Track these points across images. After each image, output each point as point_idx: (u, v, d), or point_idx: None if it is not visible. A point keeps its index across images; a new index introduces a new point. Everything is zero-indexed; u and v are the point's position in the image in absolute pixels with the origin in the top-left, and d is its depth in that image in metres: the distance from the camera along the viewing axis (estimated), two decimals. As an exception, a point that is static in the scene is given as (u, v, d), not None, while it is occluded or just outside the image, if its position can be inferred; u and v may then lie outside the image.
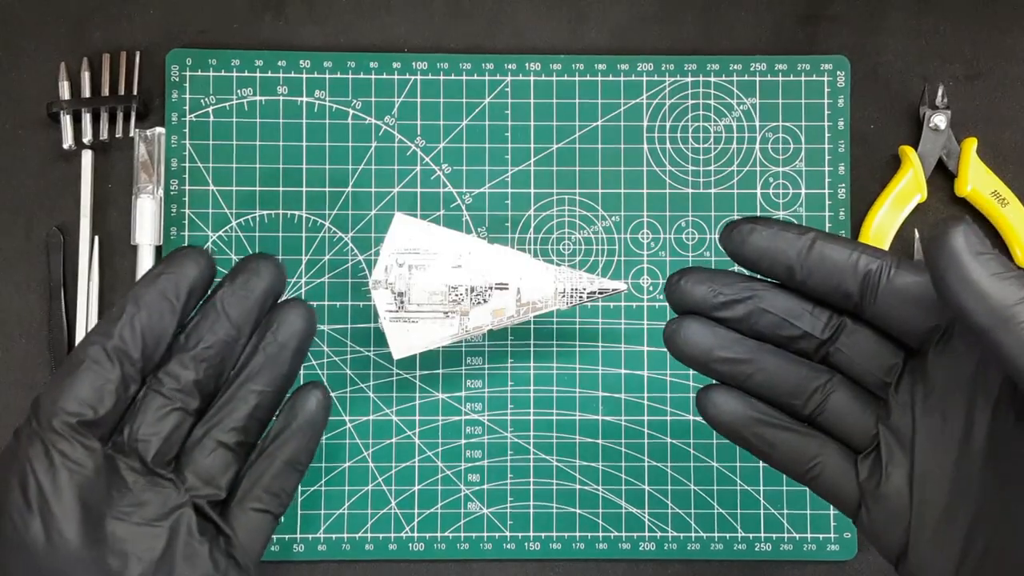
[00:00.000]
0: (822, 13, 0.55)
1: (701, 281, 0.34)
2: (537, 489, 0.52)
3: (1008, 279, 0.28)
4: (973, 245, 0.29)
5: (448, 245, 0.47)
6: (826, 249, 0.33)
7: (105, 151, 0.53)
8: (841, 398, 0.35)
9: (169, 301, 0.34)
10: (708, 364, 0.35)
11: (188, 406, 0.35)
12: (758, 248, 0.33)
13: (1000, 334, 0.28)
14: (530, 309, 0.47)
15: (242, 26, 0.54)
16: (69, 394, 0.32)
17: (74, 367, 0.33)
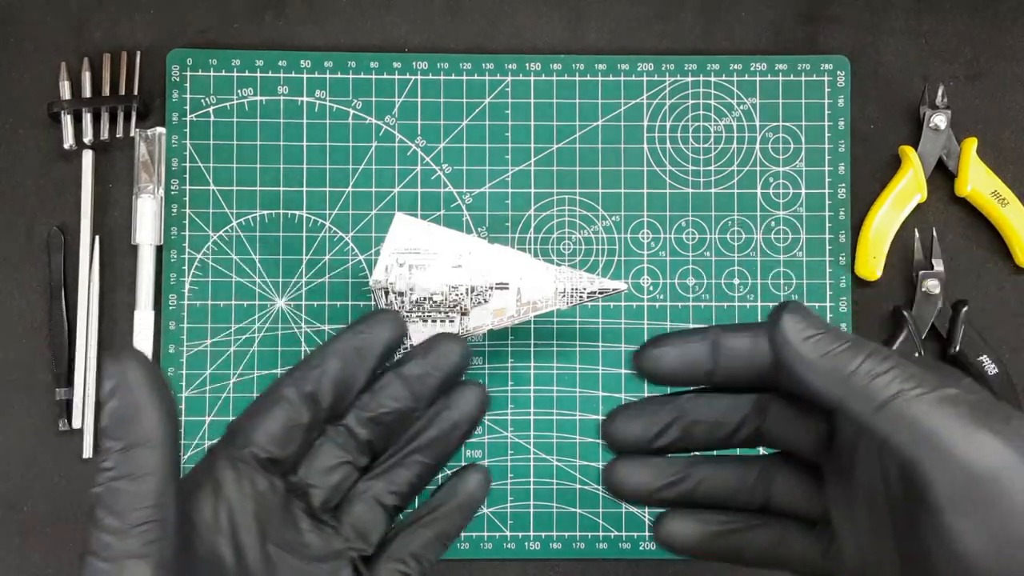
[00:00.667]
0: (822, 13, 0.55)
1: (632, 418, 0.37)
2: (537, 489, 0.52)
3: (839, 354, 0.30)
4: (800, 330, 0.31)
5: (448, 245, 0.47)
6: (730, 342, 0.34)
7: (106, 151, 0.53)
8: (783, 478, 0.36)
9: (364, 360, 0.36)
10: (651, 497, 0.37)
11: (357, 462, 0.37)
12: (672, 368, 0.35)
13: (847, 407, 0.29)
14: (530, 309, 0.47)
15: (243, 26, 0.54)
16: (264, 428, 0.34)
17: (271, 404, 0.35)
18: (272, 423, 0.34)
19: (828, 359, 0.30)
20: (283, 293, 0.52)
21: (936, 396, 0.28)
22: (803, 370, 0.31)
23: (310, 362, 0.36)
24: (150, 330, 0.52)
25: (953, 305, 0.52)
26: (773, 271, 0.53)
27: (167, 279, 0.52)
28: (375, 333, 0.37)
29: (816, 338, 0.31)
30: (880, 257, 0.52)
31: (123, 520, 0.29)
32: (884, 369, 0.29)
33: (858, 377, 0.29)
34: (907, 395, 0.28)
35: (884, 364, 0.29)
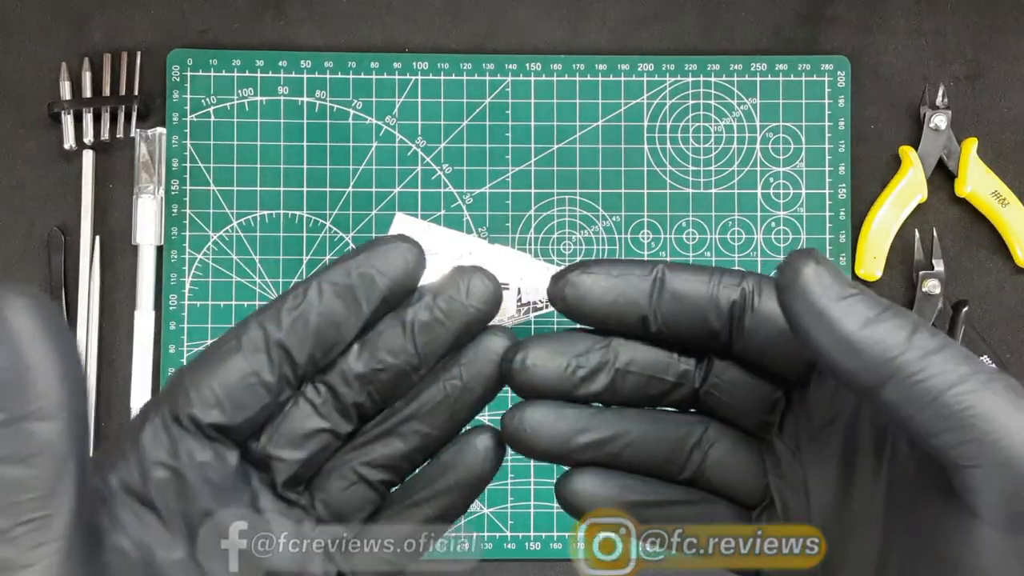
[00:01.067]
0: (822, 13, 0.55)
1: (551, 355, 0.28)
2: (538, 489, 0.52)
3: (883, 323, 0.23)
4: (831, 289, 0.24)
5: (449, 245, 0.47)
6: (678, 284, 0.27)
7: (106, 151, 0.53)
8: (721, 450, 0.29)
9: (358, 302, 0.27)
10: (567, 455, 0.29)
11: (339, 429, 0.28)
12: (599, 303, 0.28)
13: (888, 394, 0.23)
14: (530, 309, 0.47)
15: (243, 26, 0.54)
16: (212, 386, 0.26)
17: (228, 352, 0.27)
18: (225, 377, 0.26)
19: (870, 329, 0.23)
20: (283, 293, 0.52)
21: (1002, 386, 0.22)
22: (831, 343, 0.23)
23: (287, 299, 0.27)
24: (151, 330, 0.52)
25: (953, 305, 0.52)
26: (773, 271, 0.53)
27: (167, 279, 0.52)
28: (381, 268, 0.27)
29: (851, 300, 0.23)
30: (880, 257, 0.52)
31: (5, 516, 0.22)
32: (939, 346, 0.23)
33: (910, 355, 0.23)
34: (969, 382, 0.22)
35: (937, 339, 0.23)
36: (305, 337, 0.27)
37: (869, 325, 0.23)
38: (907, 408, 0.23)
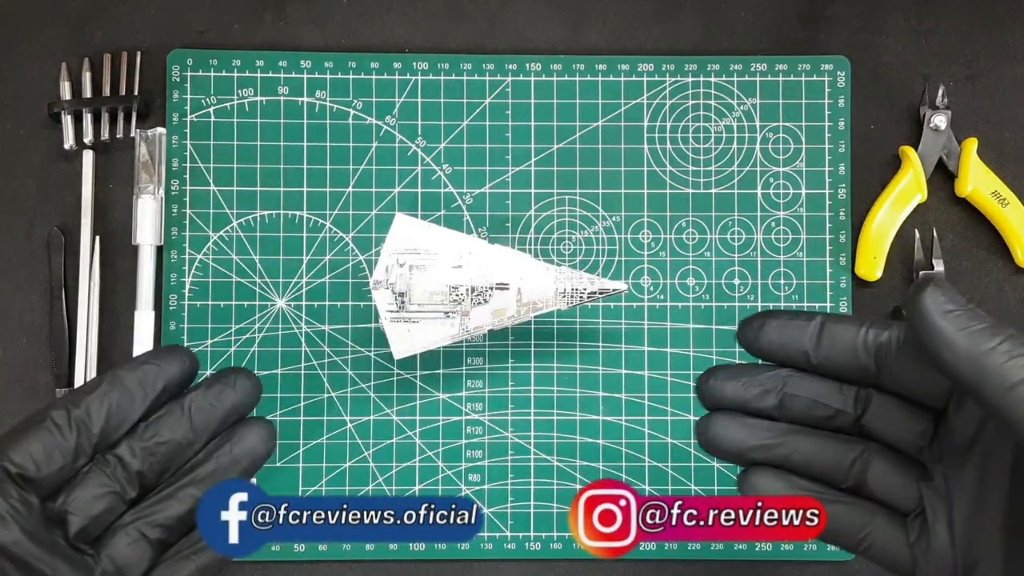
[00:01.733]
0: (822, 13, 0.55)
1: (730, 377, 0.36)
2: (538, 489, 0.52)
3: (976, 331, 0.30)
4: (941, 304, 0.30)
5: (449, 245, 0.47)
6: (835, 331, 0.34)
7: (106, 151, 0.53)
8: (880, 466, 0.36)
9: (143, 391, 0.34)
10: (743, 455, 0.36)
11: (125, 493, 0.35)
12: (771, 341, 0.35)
13: (982, 386, 0.29)
14: (530, 309, 0.47)
15: (243, 26, 0.54)
16: (20, 446, 0.33)
17: (35, 424, 0.33)
18: (32, 444, 0.33)
19: (966, 335, 0.30)
20: (283, 293, 0.52)
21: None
22: (939, 344, 0.30)
23: (87, 385, 0.34)
24: (151, 330, 0.52)
25: (953, 305, 0.52)
26: (773, 271, 0.53)
27: (167, 279, 0.52)
28: (162, 367, 0.35)
29: (956, 313, 0.30)
30: (880, 257, 0.52)
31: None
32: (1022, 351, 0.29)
33: (996, 356, 0.29)
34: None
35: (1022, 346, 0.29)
36: (99, 416, 0.34)
37: (965, 331, 0.30)
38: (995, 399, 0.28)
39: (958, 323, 0.30)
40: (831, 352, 0.34)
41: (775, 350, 0.35)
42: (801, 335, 0.35)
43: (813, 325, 0.35)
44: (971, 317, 0.30)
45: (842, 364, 0.34)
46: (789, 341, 0.35)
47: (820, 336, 0.34)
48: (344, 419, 0.52)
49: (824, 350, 0.34)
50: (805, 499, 0.34)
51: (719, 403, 0.36)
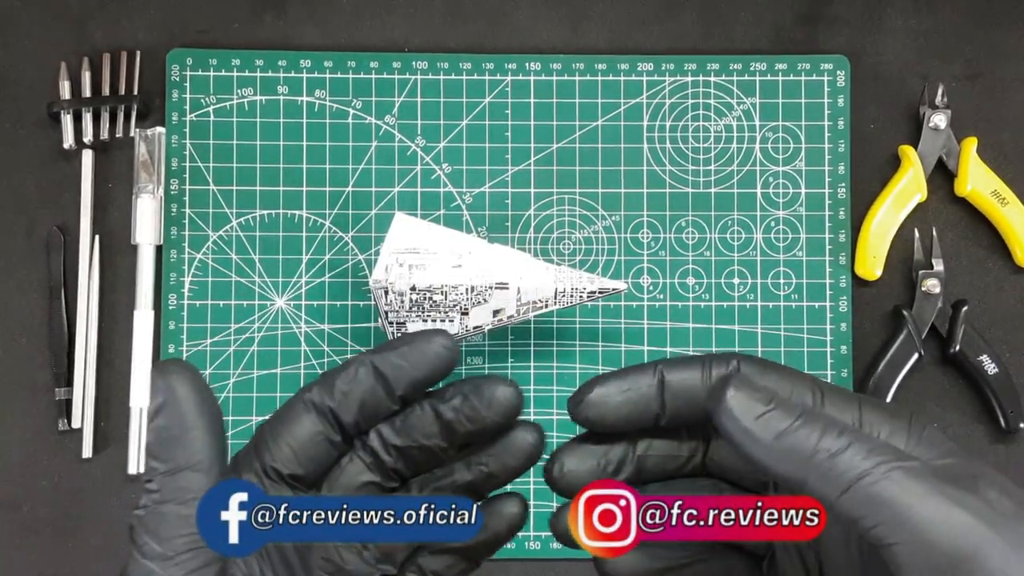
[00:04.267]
0: (822, 13, 0.55)
1: (581, 459, 0.33)
2: (538, 489, 0.52)
3: (793, 434, 0.28)
4: (750, 409, 0.29)
5: (448, 245, 0.47)
6: (676, 381, 0.32)
7: (105, 151, 0.53)
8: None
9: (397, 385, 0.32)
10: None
11: (384, 485, 0.34)
12: (618, 416, 0.32)
13: (811, 489, 0.28)
14: (530, 309, 0.47)
15: (242, 26, 0.54)
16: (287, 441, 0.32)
17: (299, 412, 0.32)
18: (298, 431, 0.32)
19: (784, 440, 0.28)
20: (283, 293, 0.52)
21: (900, 473, 0.27)
22: (758, 453, 0.28)
23: (339, 374, 0.33)
24: (150, 330, 0.52)
25: (953, 304, 0.52)
26: (773, 271, 0.53)
27: (167, 279, 0.52)
28: (418, 359, 0.33)
29: (767, 416, 0.28)
30: (880, 256, 0.52)
31: (167, 546, 0.28)
32: (843, 446, 0.27)
33: (818, 459, 0.27)
34: (872, 475, 0.27)
35: (841, 440, 0.28)
36: (351, 408, 0.32)
37: (781, 437, 0.28)
38: (828, 499, 0.27)
39: (771, 427, 0.28)
40: (678, 407, 0.32)
41: (623, 423, 0.33)
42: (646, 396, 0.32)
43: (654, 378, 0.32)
44: (783, 415, 0.28)
45: (689, 416, 0.32)
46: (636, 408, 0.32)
47: (663, 395, 0.32)
48: (344, 419, 0.52)
49: (671, 409, 0.32)
50: (805, 499, 0.33)
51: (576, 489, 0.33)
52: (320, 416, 0.32)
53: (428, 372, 0.33)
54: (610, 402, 0.32)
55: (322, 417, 0.32)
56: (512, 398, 0.33)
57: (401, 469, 0.34)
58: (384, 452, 0.34)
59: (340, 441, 0.33)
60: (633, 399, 0.32)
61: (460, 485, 0.34)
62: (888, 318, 0.53)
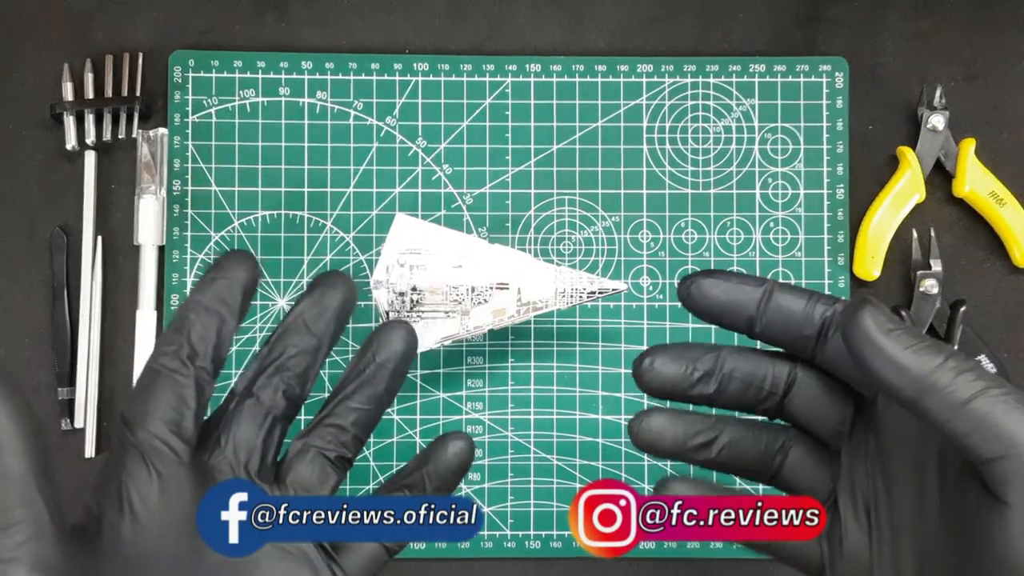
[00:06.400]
0: (821, 14, 0.55)
1: (672, 360, 0.35)
2: (538, 488, 0.52)
3: (921, 349, 0.29)
4: (882, 324, 0.30)
5: (449, 245, 0.47)
6: (783, 300, 0.33)
7: (108, 152, 0.54)
8: (797, 454, 0.35)
9: (227, 304, 0.34)
10: (682, 454, 0.35)
11: (276, 411, 0.35)
12: (719, 303, 0.34)
13: (926, 402, 0.29)
14: (530, 309, 0.48)
15: (244, 27, 0.54)
16: (153, 402, 0.33)
17: (152, 378, 0.33)
18: (160, 395, 0.33)
19: (911, 353, 0.29)
20: (284, 293, 0.53)
21: (1016, 397, 0.28)
22: (882, 364, 0.30)
23: (173, 325, 0.34)
24: (152, 330, 0.52)
25: (951, 305, 0.53)
26: (772, 271, 0.53)
27: (169, 279, 0.53)
28: (232, 277, 0.35)
29: (897, 332, 0.30)
30: (878, 257, 0.53)
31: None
32: (968, 367, 0.29)
33: (943, 372, 0.29)
34: (991, 393, 0.28)
35: (965, 363, 0.29)
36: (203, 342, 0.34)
37: (910, 350, 0.29)
38: (943, 413, 0.29)
39: (902, 341, 0.30)
40: (775, 321, 0.34)
41: (721, 314, 0.34)
42: (748, 300, 0.34)
43: (761, 291, 0.34)
44: (913, 335, 0.30)
45: (783, 335, 0.34)
46: (736, 306, 0.34)
47: (767, 303, 0.33)
48: (345, 418, 0.52)
49: (769, 318, 0.34)
50: (805, 499, 0.34)
51: (658, 389, 0.35)
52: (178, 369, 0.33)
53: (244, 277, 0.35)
54: (715, 289, 0.34)
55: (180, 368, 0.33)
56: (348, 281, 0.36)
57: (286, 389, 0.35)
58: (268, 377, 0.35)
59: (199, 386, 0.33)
60: (736, 296, 0.34)
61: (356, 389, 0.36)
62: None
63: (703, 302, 0.34)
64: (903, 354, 0.29)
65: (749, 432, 0.35)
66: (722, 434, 0.35)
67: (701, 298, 0.34)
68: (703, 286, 0.34)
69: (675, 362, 0.35)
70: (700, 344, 0.35)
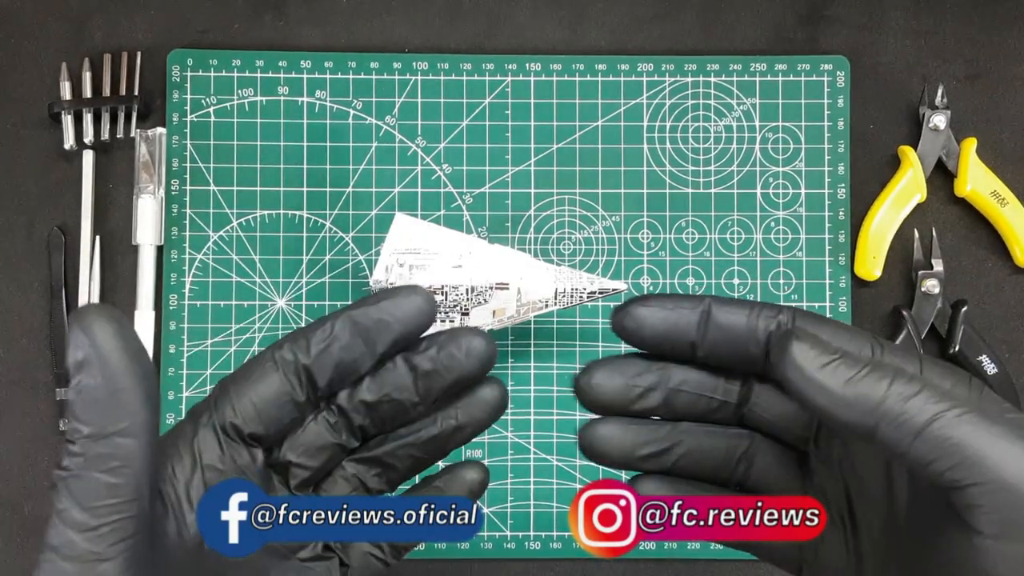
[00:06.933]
0: (822, 13, 0.55)
1: (611, 375, 0.33)
2: (537, 488, 0.52)
3: (863, 380, 0.27)
4: (814, 359, 0.28)
5: (448, 245, 0.47)
6: (722, 317, 0.31)
7: (106, 151, 0.54)
8: (765, 460, 0.34)
9: (374, 344, 0.32)
10: (632, 464, 0.34)
11: (347, 444, 0.34)
12: (656, 332, 0.32)
13: (881, 434, 0.27)
14: (530, 309, 0.47)
15: (243, 26, 0.54)
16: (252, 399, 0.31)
17: (267, 370, 0.31)
18: (264, 390, 0.31)
19: (852, 387, 0.27)
20: (283, 293, 0.53)
21: (975, 415, 0.26)
22: (825, 402, 0.28)
23: (316, 330, 0.31)
24: (151, 330, 0.52)
25: (952, 305, 0.52)
26: (773, 271, 0.53)
27: (167, 279, 0.52)
28: (398, 314, 0.32)
29: (834, 364, 0.28)
30: (879, 257, 0.53)
31: (92, 516, 0.26)
32: (914, 391, 0.27)
33: (891, 403, 0.27)
34: (945, 417, 0.26)
35: (912, 385, 0.27)
36: (327, 366, 0.31)
37: (851, 383, 0.27)
38: (900, 445, 0.27)
39: (839, 375, 0.28)
40: (718, 342, 0.31)
41: (658, 342, 0.32)
42: (687, 324, 0.31)
43: (699, 311, 0.31)
44: (850, 364, 0.28)
45: (728, 354, 0.32)
46: (675, 331, 0.32)
47: (707, 324, 0.31)
48: (344, 419, 0.52)
49: (711, 341, 0.31)
50: (805, 499, 0.33)
51: (599, 404, 0.33)
52: (290, 375, 0.31)
53: (409, 325, 0.32)
54: (651, 318, 0.32)
55: (293, 377, 0.31)
56: (488, 348, 0.33)
57: (367, 426, 0.33)
58: (352, 408, 0.33)
59: (305, 402, 0.32)
60: (673, 320, 0.32)
61: (425, 440, 0.34)
62: (888, 318, 0.53)
63: (640, 333, 0.32)
64: (844, 389, 0.27)
65: (708, 439, 0.34)
66: (679, 444, 0.33)
67: (637, 330, 0.32)
68: (637, 316, 0.32)
69: (615, 377, 0.33)
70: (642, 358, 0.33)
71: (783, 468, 0.34)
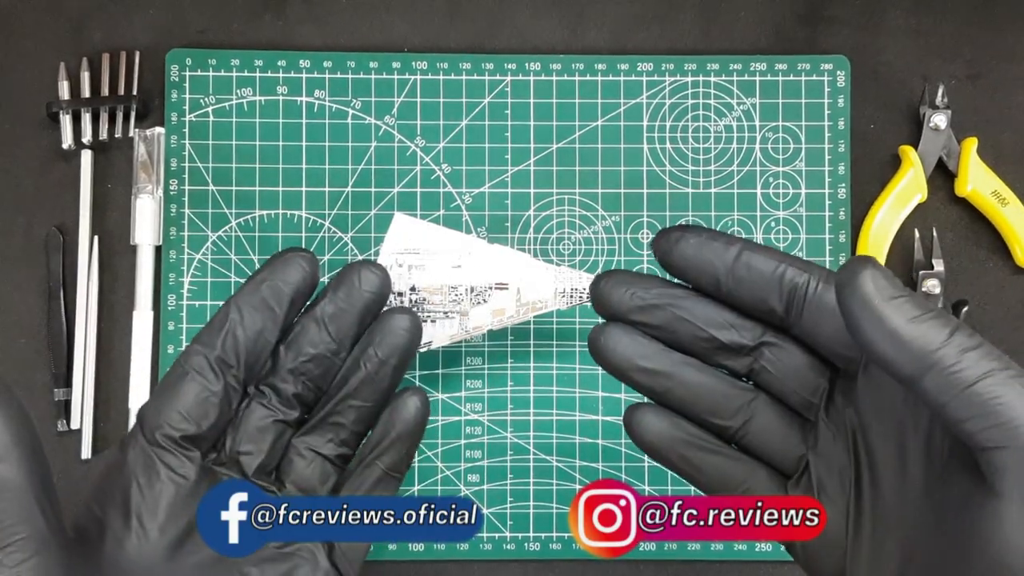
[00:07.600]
0: (822, 13, 0.55)
1: (620, 284, 0.34)
2: (537, 489, 0.52)
3: (926, 321, 0.27)
4: (885, 290, 0.27)
5: (448, 245, 0.47)
6: (753, 260, 0.32)
7: (104, 151, 0.53)
8: (766, 418, 0.34)
9: (272, 310, 0.33)
10: (627, 372, 0.34)
11: (288, 418, 0.34)
12: (684, 257, 0.33)
13: (926, 382, 0.26)
14: (530, 309, 0.47)
15: (242, 26, 0.54)
16: (173, 407, 0.32)
17: (178, 378, 0.32)
18: (183, 399, 0.32)
19: (915, 326, 0.26)
20: (282, 293, 0.52)
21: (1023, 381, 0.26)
22: (880, 336, 0.27)
23: (213, 324, 0.33)
24: (149, 330, 0.52)
25: (953, 305, 0.52)
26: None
27: (166, 279, 0.52)
28: (282, 279, 0.34)
29: (902, 300, 0.27)
30: (880, 257, 0.52)
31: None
32: (974, 344, 0.26)
33: (948, 349, 0.26)
34: (998, 376, 0.26)
35: (973, 339, 0.26)
36: (237, 349, 0.33)
37: (914, 322, 0.27)
38: (943, 395, 0.26)
39: (905, 312, 0.27)
40: (743, 282, 0.32)
41: (686, 268, 0.33)
42: (717, 258, 0.32)
43: (732, 250, 0.32)
44: (918, 305, 0.27)
45: (750, 297, 0.32)
46: (703, 262, 0.33)
47: (736, 262, 0.32)
48: (343, 419, 0.52)
49: (736, 278, 0.32)
50: (805, 499, 0.33)
51: (604, 307, 0.34)
52: (205, 374, 0.32)
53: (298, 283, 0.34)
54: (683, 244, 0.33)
55: (209, 374, 0.32)
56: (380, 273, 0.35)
57: (301, 392, 0.34)
58: (280, 380, 0.34)
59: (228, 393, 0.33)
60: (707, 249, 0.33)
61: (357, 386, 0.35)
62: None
63: (670, 256, 0.34)
64: (906, 326, 0.26)
65: (710, 379, 0.34)
66: (676, 372, 0.34)
67: (669, 252, 0.34)
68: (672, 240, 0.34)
69: (625, 286, 0.34)
70: (661, 279, 0.35)
71: (784, 429, 0.34)
